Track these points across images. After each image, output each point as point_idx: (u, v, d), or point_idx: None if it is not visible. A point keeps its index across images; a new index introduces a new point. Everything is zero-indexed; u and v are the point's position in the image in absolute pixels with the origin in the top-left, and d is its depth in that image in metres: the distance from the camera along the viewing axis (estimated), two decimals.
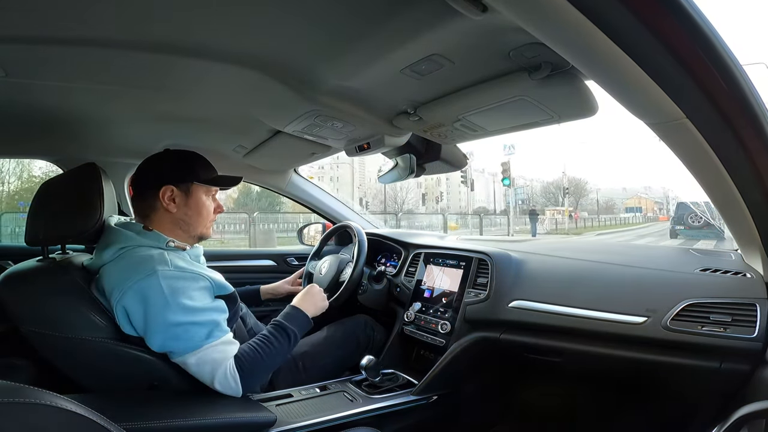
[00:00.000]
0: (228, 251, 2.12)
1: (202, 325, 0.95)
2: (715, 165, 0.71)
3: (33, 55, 0.85)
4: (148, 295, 0.92)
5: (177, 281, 0.95)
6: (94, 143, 1.51)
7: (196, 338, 0.94)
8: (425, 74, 0.86)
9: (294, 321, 1.12)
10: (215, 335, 0.96)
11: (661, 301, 0.97)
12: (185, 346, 0.94)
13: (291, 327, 1.10)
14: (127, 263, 0.96)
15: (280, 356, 1.07)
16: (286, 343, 1.07)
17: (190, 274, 0.99)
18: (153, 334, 0.93)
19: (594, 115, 0.87)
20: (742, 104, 0.60)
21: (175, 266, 0.97)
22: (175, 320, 0.92)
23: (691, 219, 12.60)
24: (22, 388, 0.42)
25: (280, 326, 1.09)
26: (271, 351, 1.03)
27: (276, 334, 1.07)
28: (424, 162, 1.46)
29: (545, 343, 1.13)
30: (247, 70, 0.91)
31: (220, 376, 0.94)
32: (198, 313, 0.95)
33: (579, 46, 0.57)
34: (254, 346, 1.02)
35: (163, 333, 0.93)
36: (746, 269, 1.01)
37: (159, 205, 1.05)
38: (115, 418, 0.50)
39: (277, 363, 1.09)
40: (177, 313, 0.93)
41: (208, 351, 0.94)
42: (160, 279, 0.93)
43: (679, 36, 0.51)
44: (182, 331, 0.93)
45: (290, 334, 1.09)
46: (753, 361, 0.85)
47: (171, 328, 0.93)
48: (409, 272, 1.59)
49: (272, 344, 1.04)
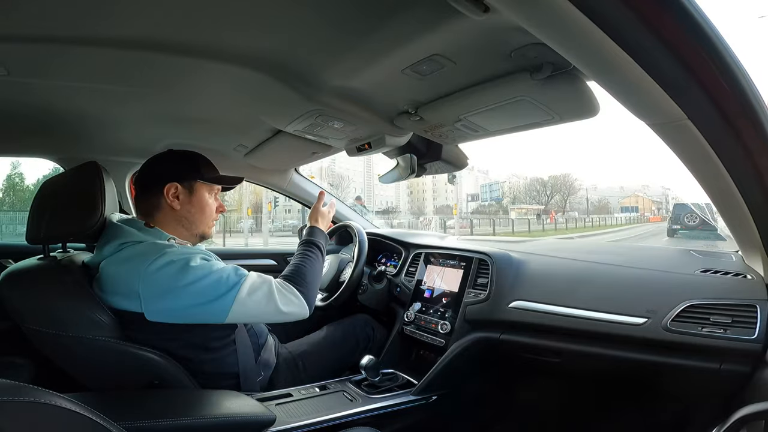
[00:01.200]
0: (228, 250, 2.12)
1: (224, 271, 0.98)
2: (715, 166, 0.71)
3: (35, 55, 0.85)
4: (162, 272, 0.92)
5: (185, 254, 0.96)
6: (96, 142, 1.51)
7: (230, 280, 0.96)
8: (426, 74, 0.86)
9: (317, 236, 1.27)
10: (242, 274, 1.00)
11: (661, 302, 0.97)
12: (221, 291, 0.95)
13: (318, 241, 1.25)
14: (131, 255, 0.96)
15: (319, 265, 1.19)
16: (319, 253, 1.21)
17: (196, 249, 1.02)
18: (179, 300, 0.92)
19: (595, 115, 0.87)
20: (743, 105, 0.60)
21: (181, 250, 0.98)
22: (194, 277, 0.93)
23: (687, 219, 12.83)
24: (23, 387, 0.42)
25: (310, 242, 1.24)
26: (312, 261, 1.16)
27: (310, 248, 1.21)
28: (425, 162, 1.46)
29: (545, 344, 1.13)
30: (248, 69, 0.91)
31: (278, 294, 1.01)
32: (214, 267, 0.98)
33: (580, 46, 0.57)
34: (295, 263, 1.13)
35: (188, 294, 0.93)
36: (747, 270, 1.01)
37: (163, 202, 1.05)
38: (115, 417, 0.51)
39: (319, 272, 1.20)
40: (196, 270, 0.94)
41: (249, 283, 0.98)
42: (170, 255, 0.94)
43: (681, 36, 0.51)
44: (206, 284, 0.94)
45: (320, 245, 1.24)
46: (753, 362, 0.85)
47: (194, 285, 0.93)
48: (410, 272, 1.59)
49: (310, 257, 1.17)
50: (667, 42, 0.51)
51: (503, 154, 78.70)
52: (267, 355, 1.18)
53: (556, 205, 49.17)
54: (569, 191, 50.52)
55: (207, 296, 0.94)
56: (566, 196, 50.14)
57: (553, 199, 49.89)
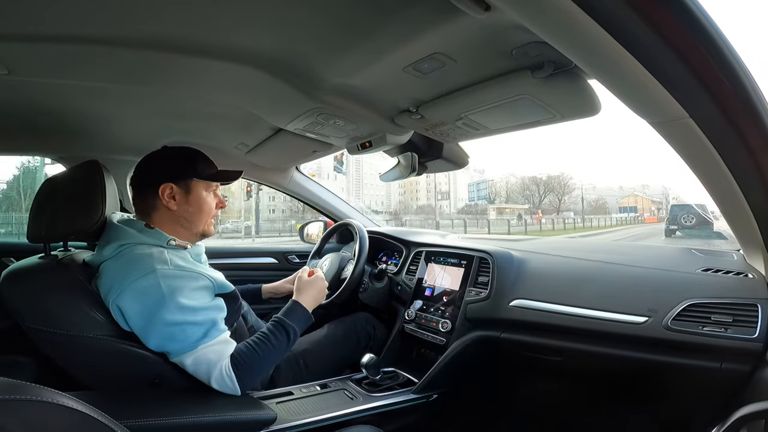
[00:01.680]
0: (229, 249, 2.12)
1: (198, 324, 0.95)
2: (717, 164, 0.71)
3: (35, 53, 0.85)
4: (145, 295, 0.92)
5: (175, 280, 0.95)
6: (97, 140, 1.52)
7: (192, 338, 0.94)
8: (428, 72, 0.86)
9: (294, 317, 1.11)
10: (211, 335, 0.96)
11: (662, 301, 0.97)
12: (181, 347, 0.94)
13: (291, 324, 1.08)
14: (126, 261, 0.96)
15: (278, 354, 1.05)
16: (285, 340, 1.05)
17: (189, 273, 0.98)
18: (149, 334, 0.93)
19: (597, 114, 0.87)
20: (745, 103, 0.59)
21: (174, 265, 0.97)
22: (171, 320, 0.92)
23: (684, 219, 13.04)
24: (25, 386, 0.42)
25: (279, 323, 1.07)
26: (269, 349, 1.02)
27: (275, 331, 1.05)
28: (426, 160, 1.46)
29: (546, 342, 1.13)
30: (249, 68, 0.91)
31: (216, 376, 0.94)
32: (195, 312, 0.95)
33: (582, 45, 0.57)
34: (251, 345, 1.00)
35: (159, 333, 0.93)
36: (748, 269, 1.01)
37: (159, 203, 1.05)
38: (117, 415, 0.51)
39: (276, 360, 1.08)
40: (174, 312, 0.92)
41: (204, 351, 0.94)
42: (159, 278, 0.93)
43: (683, 34, 0.51)
44: (178, 331, 0.93)
45: (290, 331, 1.07)
46: (753, 361, 0.85)
47: (167, 328, 0.92)
48: (411, 270, 1.59)
49: (270, 342, 1.03)
50: (669, 40, 0.51)
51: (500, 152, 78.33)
52: None
53: (550, 205, 47.94)
54: (564, 190, 49.01)
55: (174, 339, 0.93)
56: (560, 196, 48.64)
57: (546, 199, 48.51)
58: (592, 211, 47.78)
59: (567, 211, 44.47)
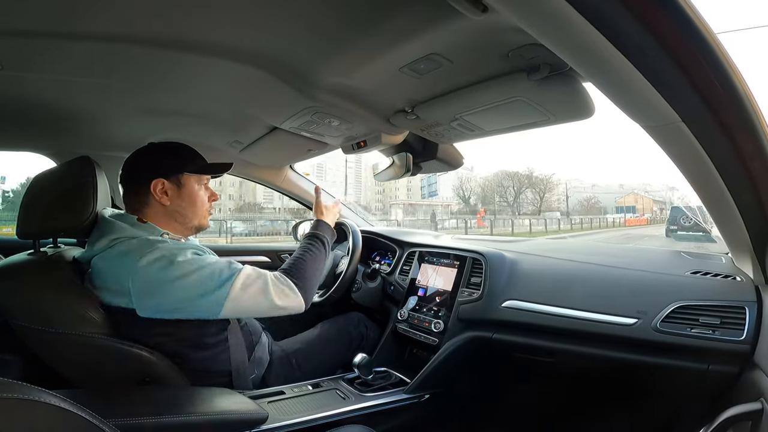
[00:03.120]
0: (221, 247, 2.11)
1: (220, 265, 0.97)
2: (708, 168, 0.72)
3: (28, 49, 0.83)
4: (155, 265, 0.91)
5: (179, 248, 0.96)
6: (89, 137, 1.50)
7: (223, 274, 0.95)
8: (424, 73, 0.86)
9: (323, 230, 1.26)
10: (236, 267, 0.98)
11: (651, 303, 0.98)
12: (216, 284, 0.94)
13: (323, 235, 1.23)
14: (123, 251, 0.95)
15: (320, 260, 1.16)
16: (323, 248, 1.19)
17: (190, 244, 1.00)
18: (169, 294, 0.92)
19: (590, 117, 0.88)
20: (737, 108, 0.60)
21: (174, 244, 0.98)
22: (191, 268, 0.93)
23: (683, 220, 13.35)
24: (11, 384, 0.42)
25: (314, 236, 1.22)
26: (312, 255, 1.14)
27: (312, 241, 1.19)
28: (421, 161, 1.46)
29: (537, 343, 1.13)
30: (244, 66, 0.91)
31: (273, 288, 0.99)
32: (210, 261, 0.97)
33: (577, 47, 0.57)
34: (296, 256, 1.12)
35: (182, 287, 0.92)
36: (736, 272, 1.02)
37: (152, 199, 1.04)
38: (105, 414, 0.50)
39: (322, 267, 1.17)
40: (191, 263, 0.93)
41: (242, 278, 0.97)
42: (162, 250, 0.93)
43: (677, 39, 0.51)
44: (207, 275, 0.93)
45: (323, 240, 1.22)
46: (740, 363, 0.86)
47: (190, 277, 0.92)
48: (404, 271, 1.59)
49: (311, 250, 1.15)
50: (663, 44, 0.51)
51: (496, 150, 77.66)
52: (260, 353, 1.17)
53: (531, 204, 42.05)
54: (545, 187, 41.73)
55: (199, 291, 0.93)
56: (542, 193, 41.34)
57: (521, 196, 41.41)
58: (583, 211, 43.50)
59: (552, 211, 39.86)
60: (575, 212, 42.43)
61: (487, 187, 42.19)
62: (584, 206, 45.85)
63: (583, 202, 47.11)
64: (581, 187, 51.48)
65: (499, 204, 40.45)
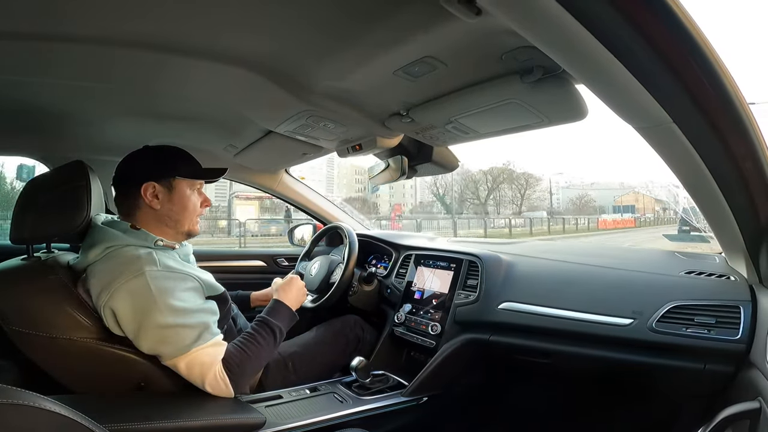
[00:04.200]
0: (217, 251, 2.10)
1: (191, 327, 0.94)
2: (700, 169, 0.73)
3: (20, 52, 0.83)
4: (136, 297, 0.91)
5: (166, 281, 0.94)
6: (82, 141, 1.49)
7: (185, 341, 0.93)
8: (418, 76, 0.87)
9: (278, 316, 1.11)
10: (204, 338, 0.95)
11: (647, 303, 0.99)
12: (174, 350, 0.92)
13: (275, 323, 1.08)
14: (114, 263, 0.95)
15: (267, 353, 1.05)
16: (271, 339, 1.05)
17: (179, 274, 0.97)
18: (142, 337, 0.92)
19: (583, 119, 0.88)
20: (728, 109, 0.61)
21: (163, 266, 0.96)
22: (164, 322, 0.91)
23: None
24: (6, 389, 0.41)
25: (264, 323, 1.07)
26: (258, 348, 1.02)
27: (261, 331, 1.05)
28: (416, 164, 1.46)
29: (534, 345, 1.13)
30: (238, 69, 0.91)
31: (211, 379, 0.93)
32: (187, 314, 0.94)
33: (570, 50, 0.58)
34: (240, 346, 1.00)
35: (152, 336, 0.92)
36: (730, 272, 1.03)
37: (142, 202, 1.03)
38: (100, 419, 0.50)
39: (265, 360, 1.08)
40: (166, 314, 0.91)
41: (197, 354, 0.93)
42: (148, 279, 0.92)
43: (668, 41, 0.52)
44: (172, 334, 0.92)
45: (275, 329, 1.07)
46: (736, 362, 0.86)
47: (159, 331, 0.91)
48: (400, 274, 1.59)
49: (258, 342, 1.02)
50: (654, 46, 0.52)
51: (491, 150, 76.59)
52: None
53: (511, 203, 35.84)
54: (526, 184, 36.43)
55: (167, 342, 0.93)
56: (523, 190, 36.12)
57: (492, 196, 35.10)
58: (575, 211, 38.28)
59: (538, 211, 34.63)
60: (568, 212, 38.12)
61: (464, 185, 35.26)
62: (576, 205, 41.16)
63: (575, 201, 42.17)
64: (580, 185, 47.28)
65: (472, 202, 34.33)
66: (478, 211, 32.84)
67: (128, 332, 0.93)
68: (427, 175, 1.57)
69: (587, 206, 41.76)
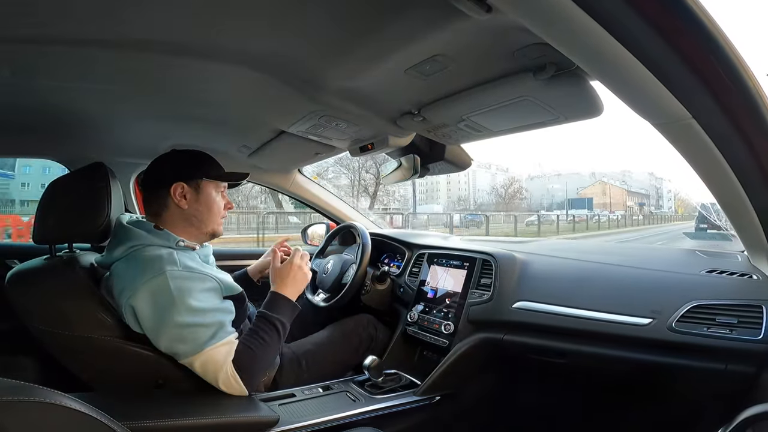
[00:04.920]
0: (233, 251, 2.13)
1: (207, 326, 0.96)
2: (721, 166, 0.71)
3: (38, 56, 0.85)
4: (156, 296, 0.93)
5: (185, 281, 0.96)
6: (100, 143, 1.52)
7: (200, 339, 0.94)
8: (430, 75, 0.86)
9: (277, 309, 1.09)
10: (219, 336, 0.96)
11: (666, 303, 0.97)
12: (191, 348, 0.94)
13: (275, 316, 1.07)
14: (136, 263, 0.97)
15: (273, 349, 1.05)
16: (274, 334, 1.05)
17: (198, 275, 0.99)
18: (160, 335, 0.94)
19: (599, 115, 0.87)
20: (748, 104, 0.59)
21: (183, 266, 0.98)
22: (181, 321, 0.93)
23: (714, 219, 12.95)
24: (28, 387, 0.42)
25: (264, 318, 1.06)
26: (263, 346, 1.02)
27: (263, 326, 1.05)
28: (428, 162, 1.46)
29: (549, 345, 1.12)
30: (251, 70, 0.92)
31: (224, 378, 0.95)
32: (204, 314, 0.96)
33: (584, 46, 0.57)
34: (246, 344, 1.00)
35: (169, 334, 0.94)
36: (752, 271, 1.00)
37: (170, 202, 1.06)
38: (120, 416, 0.51)
39: (272, 356, 1.09)
40: (183, 314, 0.93)
41: (211, 353, 0.95)
42: (168, 280, 0.94)
43: (685, 35, 0.51)
44: (188, 333, 0.94)
45: (276, 323, 1.06)
46: (759, 362, 0.84)
47: (177, 330, 0.93)
48: (413, 273, 1.59)
49: (262, 338, 1.02)
50: (670, 40, 0.51)
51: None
52: None
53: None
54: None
55: (184, 340, 0.94)
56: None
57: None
58: (502, 206, 31.89)
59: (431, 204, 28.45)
60: (488, 207, 31.69)
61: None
62: (504, 200, 33.36)
63: (500, 191, 33.49)
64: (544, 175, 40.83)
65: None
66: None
67: (147, 330, 0.95)
68: (440, 173, 1.56)
69: (513, 202, 33.83)
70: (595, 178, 42.79)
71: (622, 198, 38.29)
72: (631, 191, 41.11)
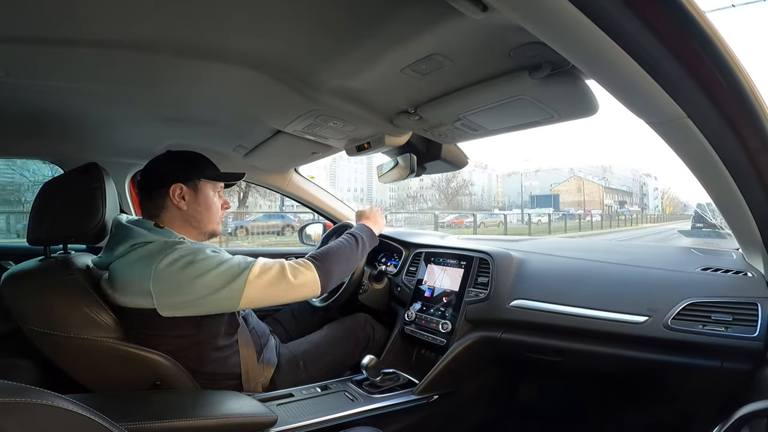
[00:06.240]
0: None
1: (237, 259, 1.00)
2: (716, 164, 0.71)
3: (33, 56, 0.84)
4: (175, 265, 0.94)
5: (196, 247, 0.98)
6: (96, 143, 1.52)
7: (240, 266, 0.98)
8: (426, 74, 0.86)
9: (361, 231, 1.27)
10: (251, 259, 1.01)
11: (662, 301, 0.97)
12: (239, 275, 0.96)
13: (359, 234, 1.25)
14: (144, 253, 0.97)
15: (351, 254, 1.18)
16: (354, 243, 1.20)
17: (206, 244, 1.03)
18: (202, 290, 0.94)
19: (595, 114, 0.87)
20: (743, 103, 0.60)
21: (190, 243, 1.00)
22: (212, 263, 0.96)
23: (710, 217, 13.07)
24: (24, 388, 0.42)
25: (350, 233, 1.24)
26: (343, 247, 1.16)
27: (348, 237, 1.22)
28: (425, 161, 1.46)
29: (546, 343, 1.13)
30: (247, 70, 0.91)
31: (288, 269, 1.02)
32: (227, 256, 1.00)
33: (579, 45, 0.57)
34: (326, 246, 1.15)
35: (209, 284, 0.94)
36: (747, 268, 1.01)
37: (169, 203, 1.06)
38: (117, 417, 0.51)
39: (347, 258, 1.17)
40: (208, 261, 0.96)
41: (258, 266, 0.99)
42: (180, 251, 0.95)
43: (680, 35, 0.51)
44: (225, 269, 0.96)
45: (358, 238, 1.23)
46: (754, 360, 0.85)
47: (214, 274, 0.95)
48: (410, 272, 1.59)
49: (343, 243, 1.18)
50: (666, 40, 0.51)
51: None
52: (269, 355, 1.18)
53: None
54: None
55: (219, 283, 0.95)
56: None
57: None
58: (447, 204, 29.92)
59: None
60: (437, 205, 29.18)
61: None
62: (447, 199, 31.02)
63: (441, 185, 30.55)
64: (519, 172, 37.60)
65: None
66: None
67: (184, 301, 0.94)
68: (436, 172, 1.56)
69: (455, 199, 30.88)
70: (572, 173, 39.72)
71: (599, 195, 34.44)
72: (609, 188, 37.44)
